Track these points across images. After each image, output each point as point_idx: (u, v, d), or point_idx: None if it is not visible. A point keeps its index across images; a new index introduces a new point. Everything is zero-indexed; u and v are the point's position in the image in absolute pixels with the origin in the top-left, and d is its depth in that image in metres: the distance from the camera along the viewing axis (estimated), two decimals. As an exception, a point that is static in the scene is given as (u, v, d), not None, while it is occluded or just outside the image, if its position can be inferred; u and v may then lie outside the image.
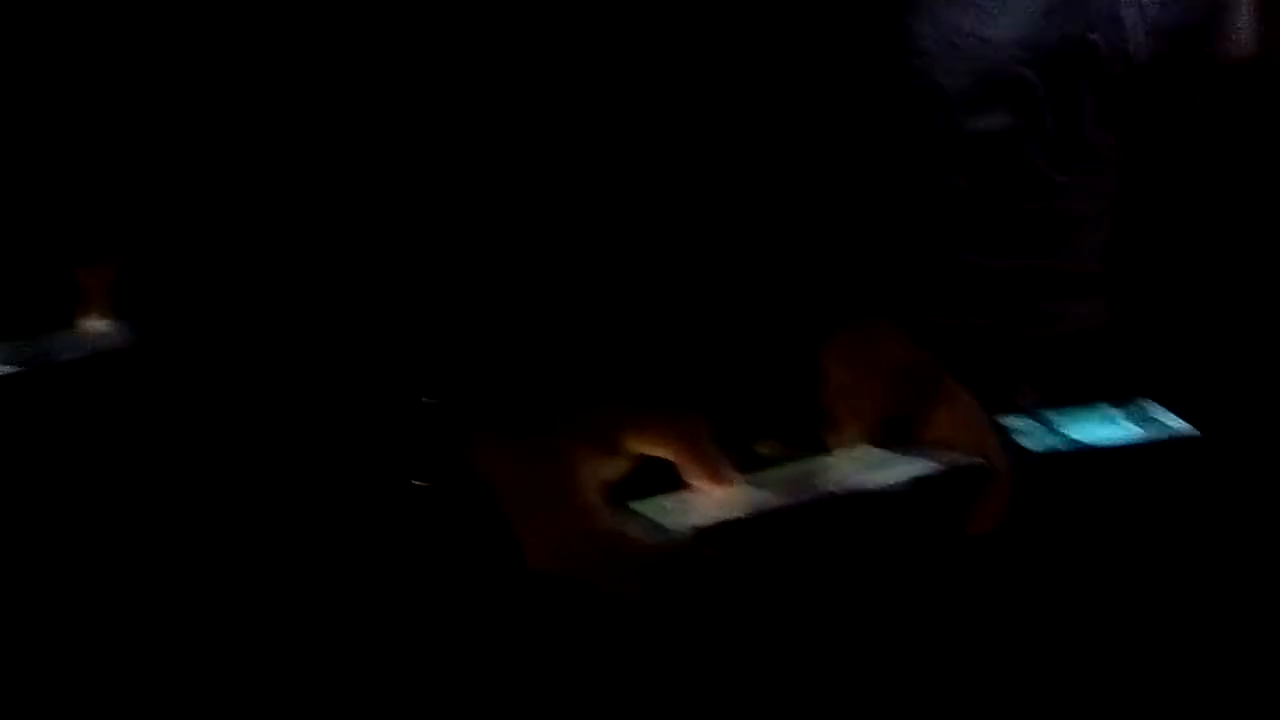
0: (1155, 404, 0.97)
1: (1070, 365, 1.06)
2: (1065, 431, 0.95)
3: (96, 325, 0.97)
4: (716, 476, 0.67)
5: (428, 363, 0.75)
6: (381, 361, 0.76)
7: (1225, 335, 1.06)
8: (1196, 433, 0.93)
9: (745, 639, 0.70)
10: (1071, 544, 0.79)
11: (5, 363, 0.93)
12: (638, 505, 0.69)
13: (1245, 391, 1.00)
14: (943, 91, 1.02)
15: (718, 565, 0.63)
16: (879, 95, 0.98)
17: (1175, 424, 0.94)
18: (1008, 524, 0.67)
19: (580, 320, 0.78)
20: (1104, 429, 0.96)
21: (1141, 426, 0.95)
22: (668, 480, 0.69)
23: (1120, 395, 0.99)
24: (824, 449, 0.72)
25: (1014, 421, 0.98)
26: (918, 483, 0.66)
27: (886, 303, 0.91)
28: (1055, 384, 1.03)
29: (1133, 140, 1.08)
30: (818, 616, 0.70)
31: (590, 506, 0.66)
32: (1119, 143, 1.07)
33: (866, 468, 0.68)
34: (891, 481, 0.66)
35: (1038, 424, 0.97)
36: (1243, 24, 1.10)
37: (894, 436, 0.71)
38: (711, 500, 0.67)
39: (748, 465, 0.72)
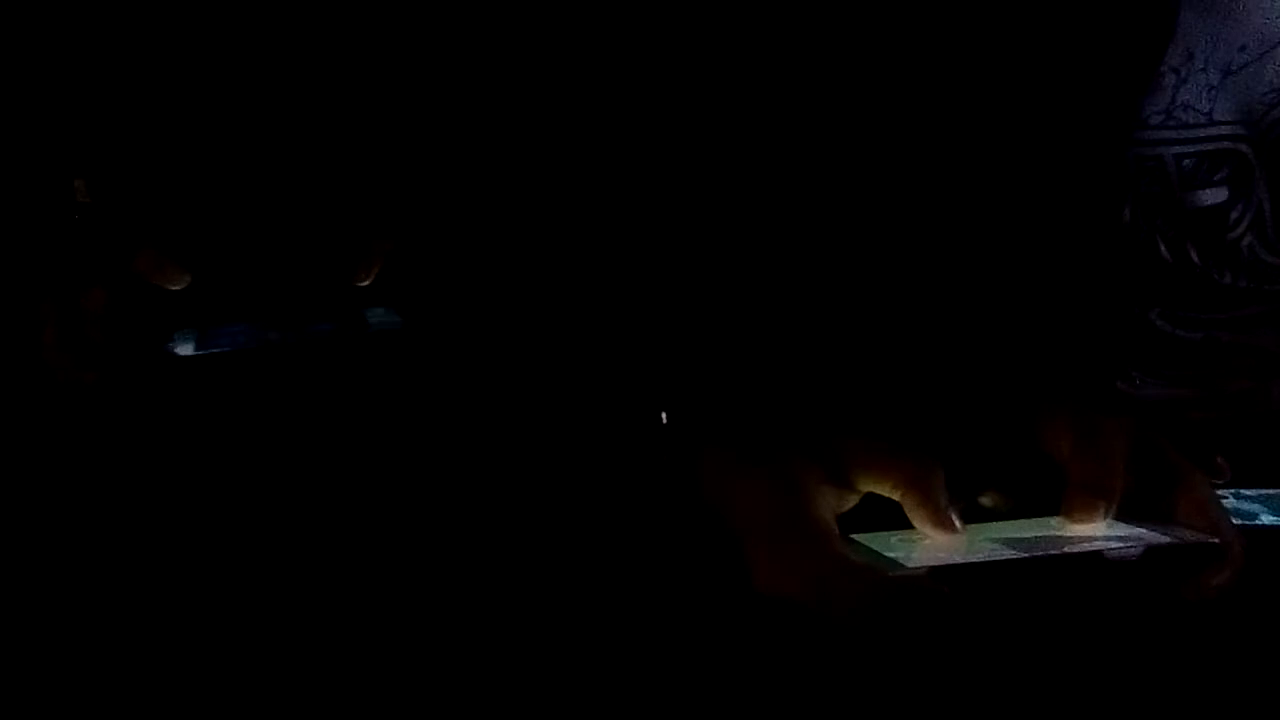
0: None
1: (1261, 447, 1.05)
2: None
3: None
4: (943, 522, 0.69)
5: (666, 376, 0.78)
6: (619, 372, 0.78)
7: None
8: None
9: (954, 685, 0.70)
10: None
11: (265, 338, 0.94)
12: (862, 539, 0.70)
13: None
14: (1161, 164, 1.02)
15: (951, 603, 0.64)
16: (1101, 165, 0.99)
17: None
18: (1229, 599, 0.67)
19: (820, 346, 0.80)
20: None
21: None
22: (888, 520, 0.70)
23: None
24: (1047, 512, 0.73)
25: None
26: (1151, 551, 0.67)
27: (1086, 362, 0.92)
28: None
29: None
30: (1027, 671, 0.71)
31: (825, 531, 0.68)
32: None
33: (1099, 532, 0.69)
34: (1125, 547, 0.67)
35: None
36: None
37: (1127, 513, 0.72)
38: (937, 544, 0.68)
39: (969, 516, 0.73)
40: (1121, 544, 0.67)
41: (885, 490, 0.70)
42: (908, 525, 0.70)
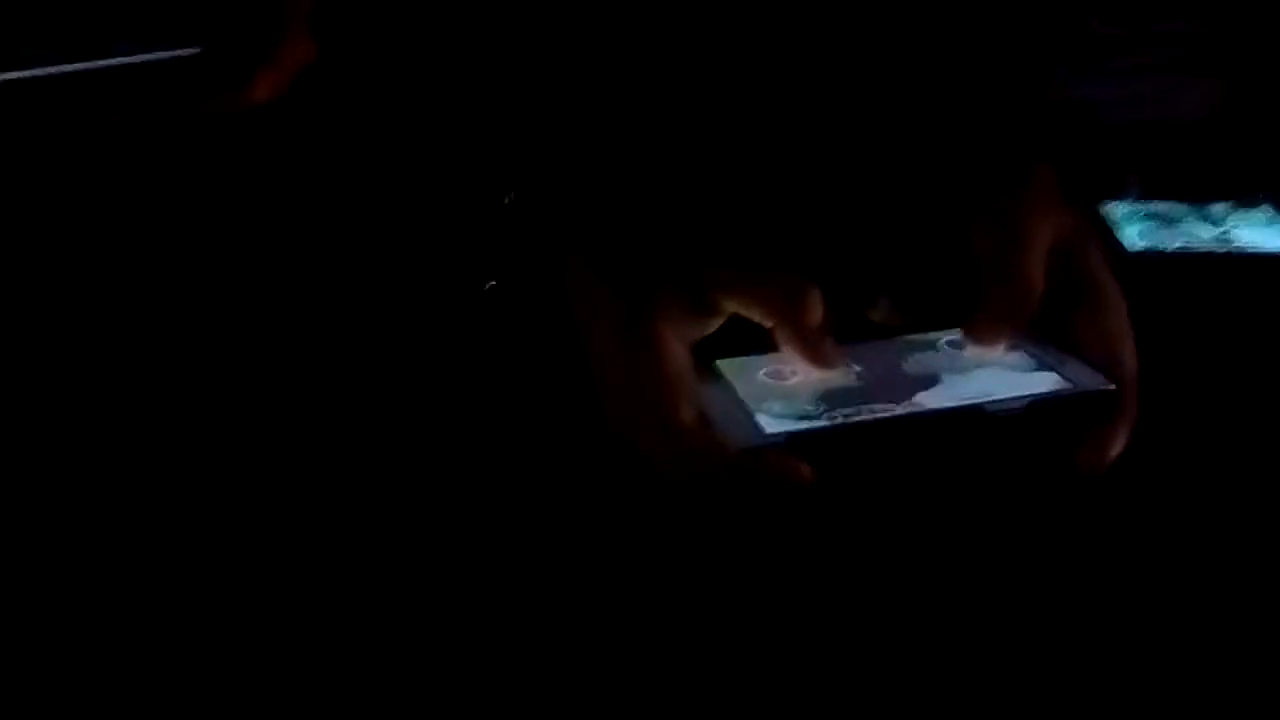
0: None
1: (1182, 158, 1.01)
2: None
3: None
4: (816, 356, 0.64)
5: (525, 163, 0.71)
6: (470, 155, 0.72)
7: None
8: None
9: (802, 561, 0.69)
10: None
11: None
12: (725, 366, 0.66)
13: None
14: None
15: (805, 479, 0.61)
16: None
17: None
18: (1120, 467, 0.65)
19: (689, 158, 0.74)
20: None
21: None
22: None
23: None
24: (942, 324, 0.69)
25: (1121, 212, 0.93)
26: (1035, 405, 0.64)
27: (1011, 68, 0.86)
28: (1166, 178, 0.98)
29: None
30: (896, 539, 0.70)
31: (675, 383, 0.63)
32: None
33: (979, 373, 0.66)
34: (1005, 399, 0.64)
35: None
36: None
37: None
38: (806, 382, 0.65)
39: (859, 329, 0.70)
40: (1007, 394, 0.64)
41: (753, 312, 0.64)
42: None
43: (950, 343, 0.68)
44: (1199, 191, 0.94)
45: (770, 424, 0.62)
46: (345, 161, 0.76)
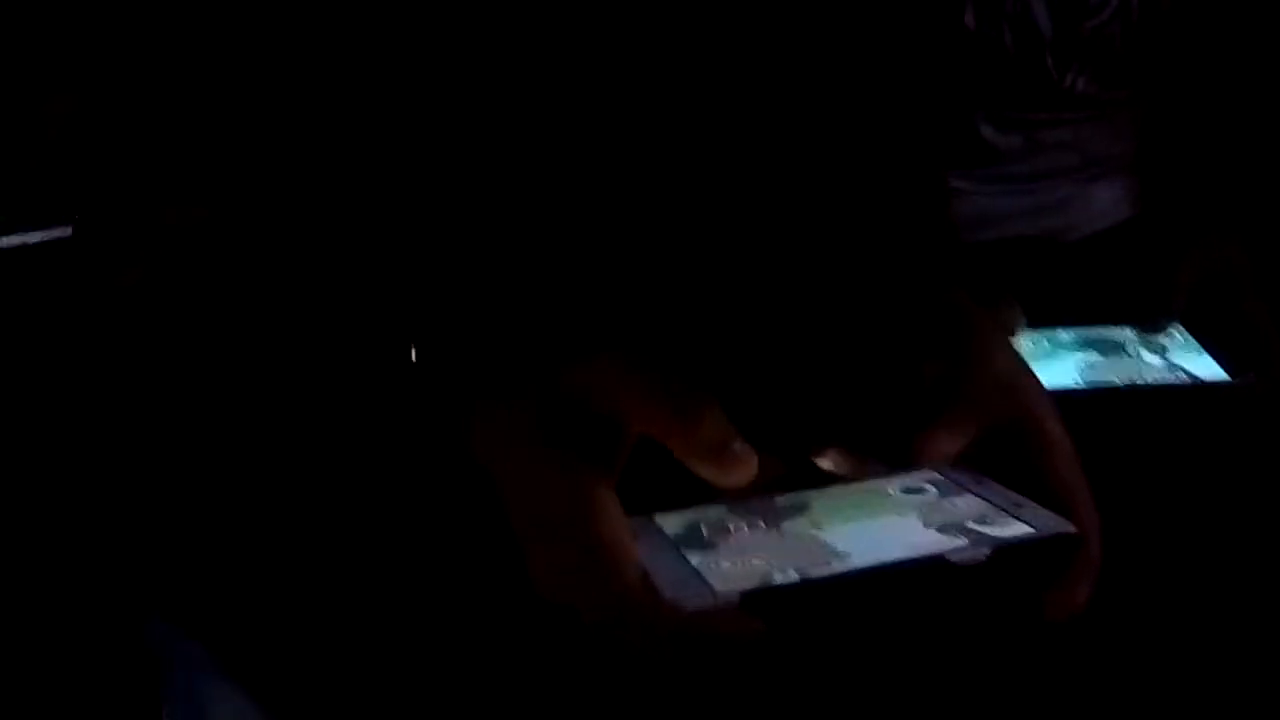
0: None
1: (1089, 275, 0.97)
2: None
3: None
4: (723, 462, 0.56)
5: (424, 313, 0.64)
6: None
7: None
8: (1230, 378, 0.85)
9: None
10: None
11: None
12: (664, 521, 0.59)
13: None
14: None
15: (761, 638, 0.54)
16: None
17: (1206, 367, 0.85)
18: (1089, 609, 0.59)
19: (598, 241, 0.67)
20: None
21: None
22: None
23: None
24: (893, 462, 0.63)
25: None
26: (999, 552, 0.58)
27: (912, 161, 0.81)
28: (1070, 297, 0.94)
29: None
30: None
31: (609, 535, 0.55)
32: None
33: (935, 519, 0.60)
34: (968, 549, 0.58)
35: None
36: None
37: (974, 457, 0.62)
38: (754, 540, 0.58)
39: (803, 479, 0.63)
40: (964, 543, 0.58)
41: (652, 427, 0.57)
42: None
43: (905, 489, 0.62)
44: (1103, 314, 0.90)
45: (721, 582, 0.55)
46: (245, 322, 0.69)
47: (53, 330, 0.72)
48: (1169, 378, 0.82)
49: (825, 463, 0.63)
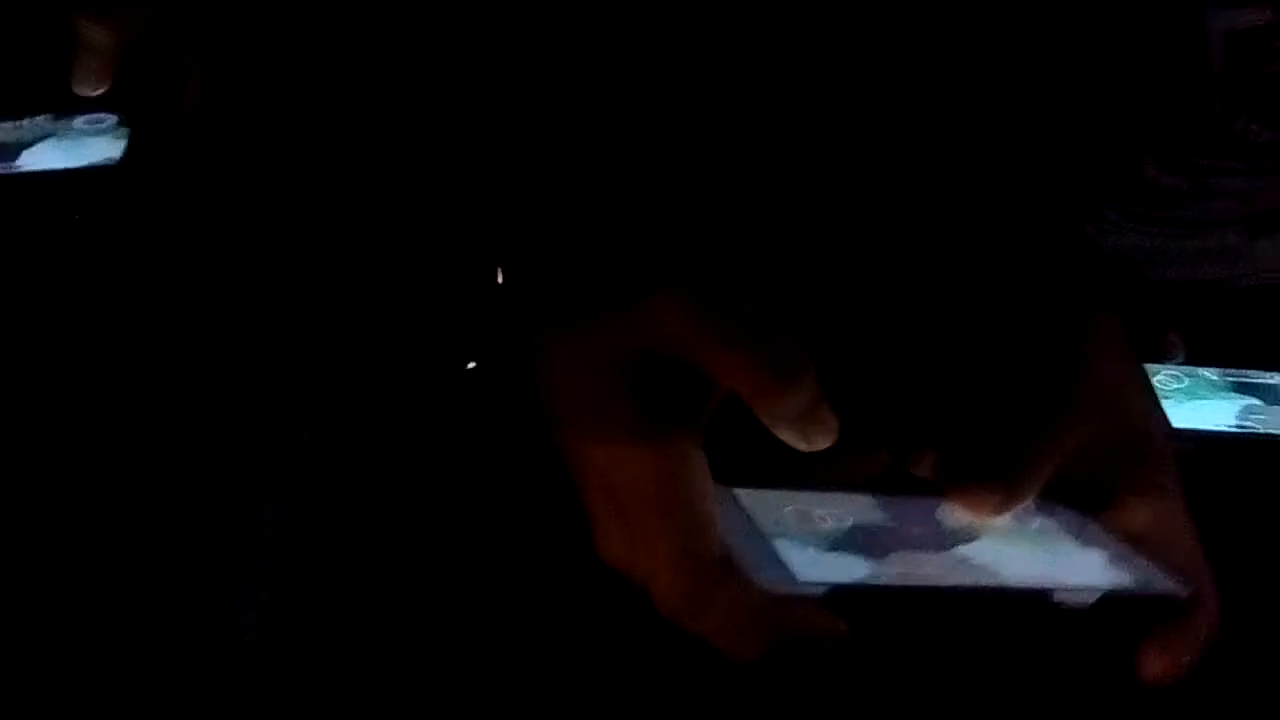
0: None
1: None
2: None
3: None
4: (811, 429, 0.53)
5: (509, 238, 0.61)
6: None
7: None
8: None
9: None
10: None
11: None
12: (744, 496, 0.55)
13: None
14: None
15: (845, 638, 0.51)
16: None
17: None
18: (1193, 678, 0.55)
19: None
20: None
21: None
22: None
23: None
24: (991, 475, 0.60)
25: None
26: (1107, 600, 0.54)
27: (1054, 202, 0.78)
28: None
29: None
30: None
31: (699, 500, 0.52)
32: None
33: (1040, 548, 0.57)
34: (1075, 589, 0.54)
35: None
36: None
37: (1075, 500, 0.59)
38: (840, 527, 0.55)
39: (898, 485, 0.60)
40: (1072, 583, 0.55)
41: (735, 381, 0.52)
42: None
43: (1013, 516, 0.58)
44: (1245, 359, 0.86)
45: (806, 571, 0.51)
46: (324, 234, 0.67)
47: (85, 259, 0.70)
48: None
49: (920, 469, 0.60)
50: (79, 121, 0.69)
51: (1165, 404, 0.66)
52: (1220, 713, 0.61)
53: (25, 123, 0.69)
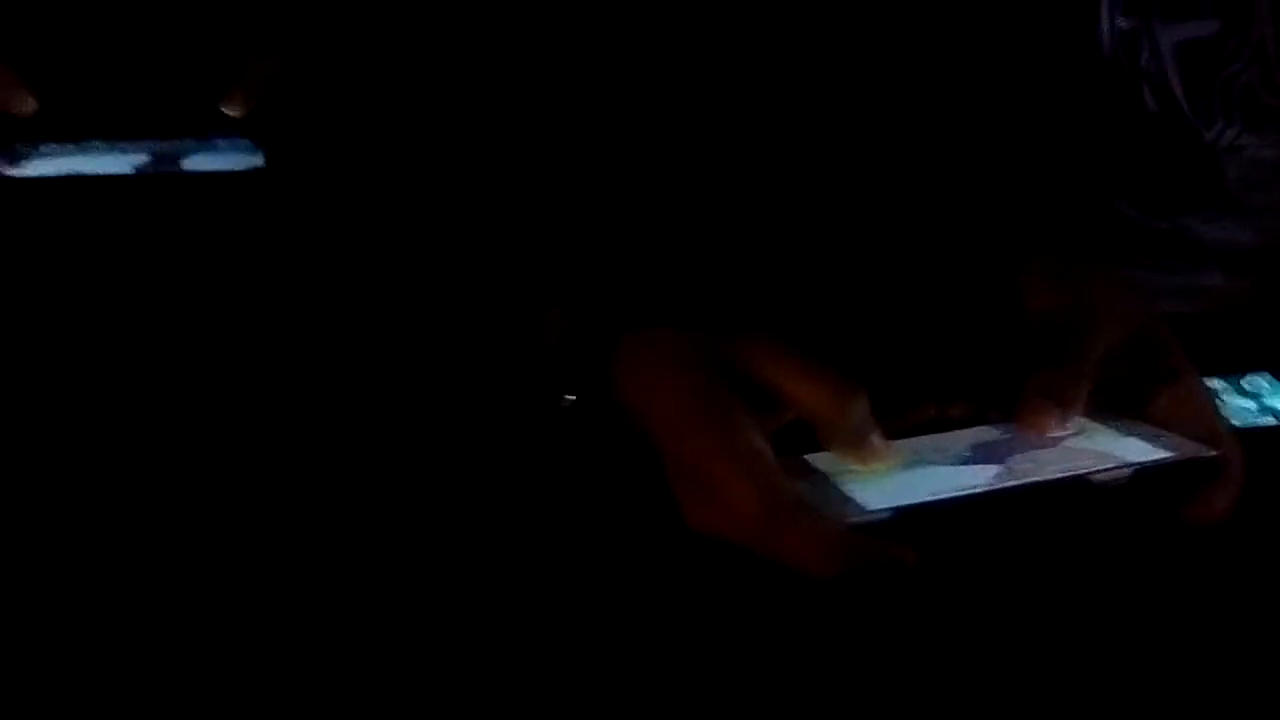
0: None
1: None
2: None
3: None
4: (864, 451, 0.60)
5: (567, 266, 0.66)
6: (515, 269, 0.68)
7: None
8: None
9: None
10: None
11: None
12: (813, 459, 0.62)
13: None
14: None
15: (919, 559, 0.56)
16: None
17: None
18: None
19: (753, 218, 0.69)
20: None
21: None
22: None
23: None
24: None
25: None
26: (1140, 474, 0.58)
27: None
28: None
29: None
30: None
31: (765, 462, 0.58)
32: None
33: (1078, 447, 0.60)
34: (1111, 470, 0.58)
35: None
36: None
37: (1107, 405, 0.63)
38: (901, 474, 0.61)
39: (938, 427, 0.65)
40: (1108, 465, 0.58)
41: (803, 404, 0.61)
42: None
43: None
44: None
45: (871, 501, 0.58)
46: (419, 271, 0.74)
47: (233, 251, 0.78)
48: (1260, 421, 0.81)
49: (955, 411, 0.65)
50: (220, 142, 0.86)
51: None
52: (1220, 713, 0.62)
53: (179, 142, 0.85)
